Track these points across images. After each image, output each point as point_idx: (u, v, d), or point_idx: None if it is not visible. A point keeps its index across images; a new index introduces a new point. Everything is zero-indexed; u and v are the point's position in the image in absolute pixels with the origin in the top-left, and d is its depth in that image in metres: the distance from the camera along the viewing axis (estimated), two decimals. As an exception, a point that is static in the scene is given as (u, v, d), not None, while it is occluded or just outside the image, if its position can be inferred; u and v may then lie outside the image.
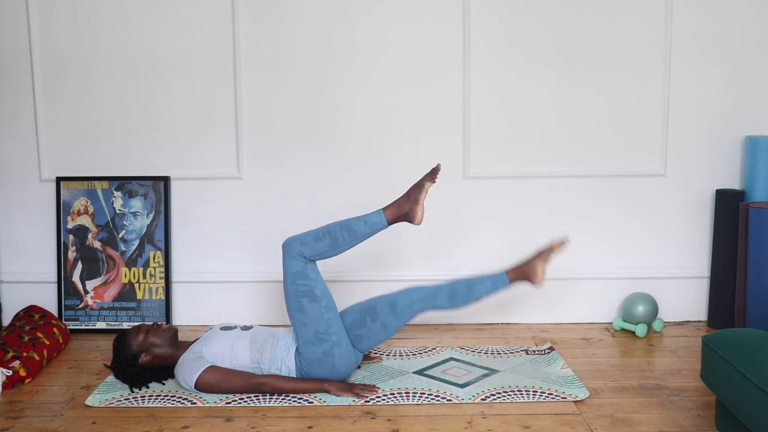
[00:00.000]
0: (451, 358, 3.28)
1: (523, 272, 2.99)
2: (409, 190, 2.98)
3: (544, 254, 3.00)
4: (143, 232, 3.74)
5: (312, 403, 2.83)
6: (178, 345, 3.07)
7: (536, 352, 3.34)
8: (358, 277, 3.72)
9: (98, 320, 3.73)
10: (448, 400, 2.85)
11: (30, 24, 3.64)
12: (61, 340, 3.44)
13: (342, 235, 2.92)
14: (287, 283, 2.92)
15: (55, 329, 3.43)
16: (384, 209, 2.96)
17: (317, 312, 2.89)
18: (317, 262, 2.98)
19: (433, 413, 2.76)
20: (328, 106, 3.69)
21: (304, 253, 2.90)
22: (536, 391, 2.91)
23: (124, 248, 3.74)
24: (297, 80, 3.68)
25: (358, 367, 3.16)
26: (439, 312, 3.11)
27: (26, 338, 3.25)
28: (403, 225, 3.68)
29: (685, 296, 3.78)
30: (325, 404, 2.82)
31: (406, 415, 2.74)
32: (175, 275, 3.78)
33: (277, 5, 3.63)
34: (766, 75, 3.66)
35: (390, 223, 2.96)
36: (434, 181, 2.98)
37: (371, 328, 2.94)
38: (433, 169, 2.98)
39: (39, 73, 3.69)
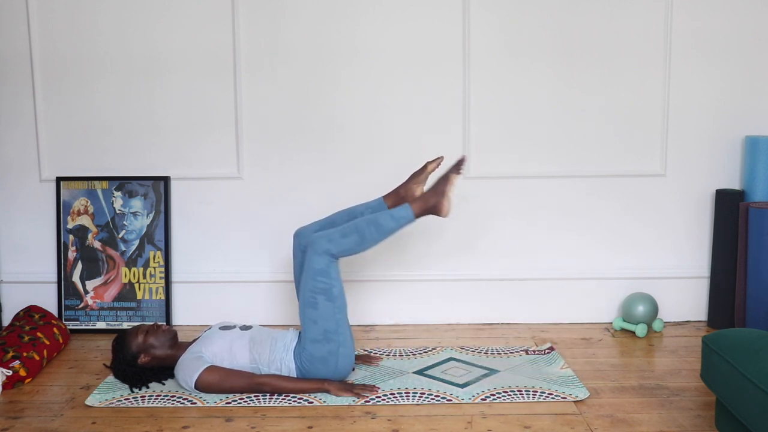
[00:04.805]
0: (451, 358, 3.28)
1: (400, 196, 3.10)
2: (436, 183, 2.97)
3: (418, 176, 3.12)
4: (143, 232, 3.74)
5: (312, 403, 2.83)
6: (177, 346, 3.07)
7: (536, 352, 3.34)
8: (357, 277, 3.72)
9: (98, 320, 3.73)
10: (448, 400, 2.85)
11: (30, 24, 3.64)
12: (61, 340, 3.44)
13: (369, 231, 2.90)
14: (307, 277, 2.91)
15: (55, 329, 3.43)
16: (411, 203, 2.95)
17: (330, 311, 2.89)
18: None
19: (433, 413, 2.75)
20: (328, 106, 3.69)
21: (331, 250, 2.89)
22: (536, 391, 2.91)
23: (124, 248, 3.74)
24: (297, 80, 3.67)
25: (353, 369, 3.16)
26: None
27: (26, 338, 3.25)
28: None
29: (685, 296, 3.77)
30: (325, 404, 2.82)
31: (406, 415, 2.74)
32: (175, 275, 3.78)
33: (277, 5, 3.63)
34: (765, 75, 3.66)
35: (417, 216, 2.96)
36: (460, 173, 2.99)
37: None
38: (458, 160, 2.97)
39: (39, 73, 3.69)
